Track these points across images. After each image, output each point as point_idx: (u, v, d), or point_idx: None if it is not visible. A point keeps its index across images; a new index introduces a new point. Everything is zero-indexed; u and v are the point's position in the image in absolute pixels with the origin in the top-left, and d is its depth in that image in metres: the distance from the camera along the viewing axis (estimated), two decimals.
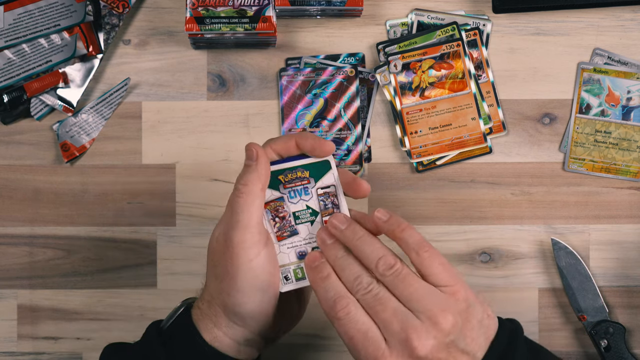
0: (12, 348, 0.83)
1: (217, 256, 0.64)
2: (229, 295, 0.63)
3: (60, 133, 0.83)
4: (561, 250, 0.83)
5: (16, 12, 0.82)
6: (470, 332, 0.60)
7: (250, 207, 0.63)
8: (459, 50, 0.83)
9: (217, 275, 0.64)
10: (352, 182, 0.66)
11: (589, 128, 0.84)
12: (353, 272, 0.61)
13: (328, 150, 0.66)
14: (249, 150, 0.65)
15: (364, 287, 0.60)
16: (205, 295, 0.66)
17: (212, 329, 0.64)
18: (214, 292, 0.64)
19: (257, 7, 0.80)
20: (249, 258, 0.62)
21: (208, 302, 0.65)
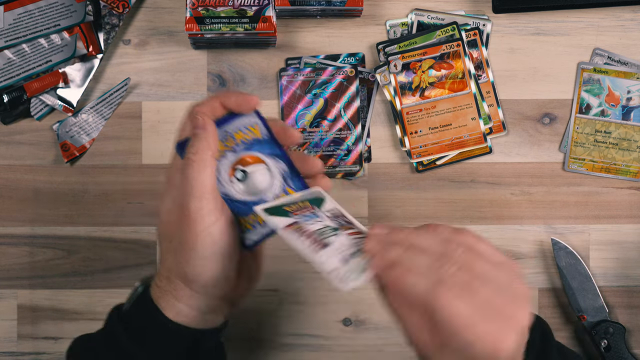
0: (12, 348, 0.83)
1: (172, 229, 0.63)
2: (188, 264, 0.63)
3: (60, 133, 0.83)
4: (561, 250, 0.83)
5: (16, 12, 0.82)
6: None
7: (203, 175, 0.63)
8: (459, 50, 0.83)
9: (174, 248, 0.63)
10: (282, 131, 0.67)
11: (589, 128, 0.84)
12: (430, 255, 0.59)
13: (254, 104, 0.66)
14: (194, 119, 0.64)
15: (450, 265, 0.58)
16: (163, 271, 0.65)
17: (174, 304, 0.64)
18: (171, 265, 0.64)
19: (257, 7, 0.80)
20: (207, 225, 0.62)
21: (167, 278, 0.65)
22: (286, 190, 0.68)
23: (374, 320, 0.84)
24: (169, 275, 0.64)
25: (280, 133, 0.68)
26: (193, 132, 0.64)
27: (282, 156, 0.68)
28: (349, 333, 0.84)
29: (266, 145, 0.68)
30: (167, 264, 0.64)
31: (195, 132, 0.64)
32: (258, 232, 0.66)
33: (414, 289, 0.57)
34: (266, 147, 0.68)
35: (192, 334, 0.65)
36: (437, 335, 0.57)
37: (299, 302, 0.84)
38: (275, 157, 0.68)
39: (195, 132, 0.64)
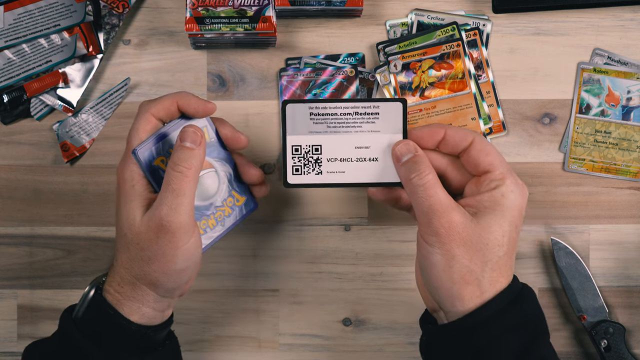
0: (12, 348, 0.83)
1: (145, 239, 0.64)
2: (165, 275, 0.64)
3: (60, 133, 0.83)
4: (561, 250, 0.83)
5: (16, 12, 0.82)
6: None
7: (192, 191, 0.64)
8: (459, 50, 0.83)
9: (147, 257, 0.64)
10: (231, 134, 0.69)
11: (589, 128, 0.84)
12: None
13: (211, 111, 0.68)
14: (193, 134, 0.65)
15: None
16: (126, 277, 0.65)
17: (139, 307, 0.65)
18: (140, 273, 0.65)
19: (257, 7, 0.80)
20: (187, 240, 0.64)
21: (131, 284, 0.65)
22: (232, 194, 0.69)
23: (374, 320, 0.84)
24: (135, 281, 0.65)
25: (229, 136, 0.70)
26: (187, 145, 0.64)
27: (228, 159, 0.69)
28: (349, 333, 0.84)
29: (213, 148, 0.69)
30: (135, 271, 0.65)
31: (190, 147, 0.64)
32: (209, 235, 0.69)
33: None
34: (214, 150, 0.69)
35: (153, 330, 0.66)
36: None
37: (299, 302, 0.84)
38: (221, 160, 0.69)
39: (191, 147, 0.64)
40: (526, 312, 0.63)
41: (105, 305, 0.65)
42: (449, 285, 0.62)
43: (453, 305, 0.62)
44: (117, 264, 0.66)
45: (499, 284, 0.63)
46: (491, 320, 0.62)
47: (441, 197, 0.63)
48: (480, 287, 0.62)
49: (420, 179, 0.63)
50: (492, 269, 0.62)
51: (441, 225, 0.62)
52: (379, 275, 0.84)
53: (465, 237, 0.62)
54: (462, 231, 0.62)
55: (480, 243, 0.62)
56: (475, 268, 0.62)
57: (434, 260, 0.62)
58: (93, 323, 0.65)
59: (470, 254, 0.62)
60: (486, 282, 0.62)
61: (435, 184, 0.63)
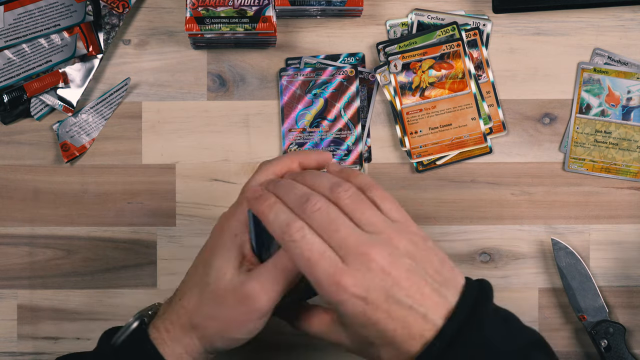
0: (12, 348, 0.83)
1: (227, 300, 0.62)
2: (222, 338, 0.63)
3: (60, 133, 0.83)
4: (561, 250, 0.83)
5: (16, 12, 0.82)
6: (429, 265, 0.57)
7: (291, 285, 0.61)
8: (459, 50, 0.83)
9: (216, 315, 0.62)
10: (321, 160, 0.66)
11: (589, 128, 0.84)
12: (300, 192, 0.59)
13: (329, 158, 0.65)
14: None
15: (312, 204, 0.58)
16: (183, 319, 0.64)
17: (180, 354, 0.64)
18: (199, 324, 0.63)
19: (257, 7, 0.80)
20: (258, 319, 0.62)
21: (184, 329, 0.64)
22: None
23: None
24: (190, 329, 0.63)
25: (320, 162, 0.66)
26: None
27: None
28: None
29: None
30: (196, 320, 0.63)
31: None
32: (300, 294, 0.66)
33: (274, 222, 0.57)
34: None
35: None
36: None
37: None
38: None
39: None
40: (477, 349, 0.57)
41: (147, 341, 0.64)
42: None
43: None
44: (180, 304, 0.64)
45: (419, 343, 0.57)
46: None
47: (315, 330, 0.63)
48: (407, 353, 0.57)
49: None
50: (396, 350, 0.57)
51: (334, 341, 0.62)
52: None
53: (353, 346, 0.61)
54: (347, 343, 0.61)
55: (361, 347, 0.60)
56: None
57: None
58: (130, 354, 0.64)
59: (368, 349, 0.60)
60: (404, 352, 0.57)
61: (310, 324, 0.63)
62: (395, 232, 0.58)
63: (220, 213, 0.70)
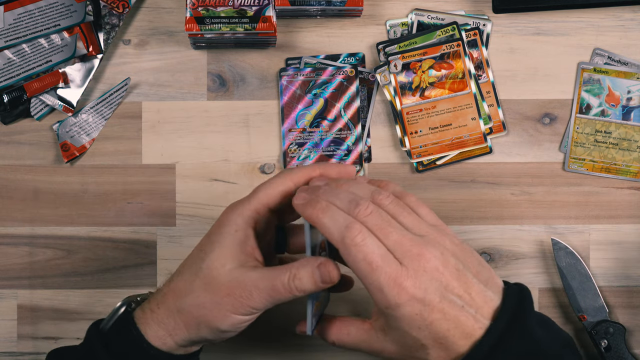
0: (12, 348, 0.83)
1: (221, 288, 0.62)
2: (207, 327, 0.62)
3: (60, 133, 0.83)
4: (561, 250, 0.83)
5: (16, 12, 0.82)
6: (472, 265, 0.59)
7: (282, 301, 0.63)
8: (459, 50, 0.83)
9: (205, 302, 0.62)
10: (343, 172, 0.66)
11: (589, 128, 0.84)
12: (348, 197, 0.59)
13: (352, 172, 0.66)
14: (326, 273, 0.61)
15: (365, 208, 0.58)
16: (169, 301, 0.64)
17: (163, 336, 0.64)
18: (185, 308, 0.63)
19: (257, 7, 0.80)
20: (244, 313, 0.62)
21: (170, 311, 0.63)
22: None
23: None
24: (176, 312, 0.63)
25: (342, 173, 0.66)
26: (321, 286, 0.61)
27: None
28: None
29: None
30: (182, 304, 0.63)
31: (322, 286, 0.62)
32: (317, 314, 0.66)
33: (331, 226, 0.58)
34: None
35: (175, 358, 0.65)
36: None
37: (299, 302, 0.84)
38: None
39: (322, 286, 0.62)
40: (523, 346, 0.59)
41: (131, 324, 0.64)
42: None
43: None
44: (168, 288, 0.64)
45: (464, 346, 0.58)
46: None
47: (355, 340, 0.63)
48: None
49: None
50: (437, 356, 0.59)
51: (373, 353, 0.62)
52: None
53: (396, 354, 0.61)
54: (390, 351, 0.61)
55: (406, 355, 0.60)
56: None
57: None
58: (117, 340, 0.64)
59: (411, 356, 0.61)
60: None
61: (347, 334, 0.64)
62: (438, 235, 0.59)
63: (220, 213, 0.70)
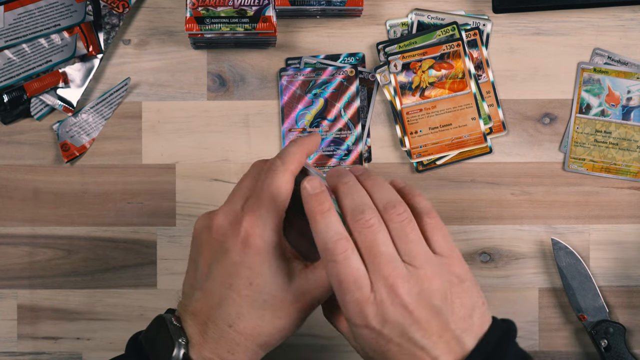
0: (12, 348, 0.83)
1: (286, 307, 0.62)
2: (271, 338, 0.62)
3: (60, 133, 0.83)
4: (561, 250, 0.83)
5: (16, 12, 0.82)
6: (459, 309, 0.57)
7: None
8: (459, 50, 0.83)
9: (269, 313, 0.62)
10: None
11: (589, 128, 0.84)
12: (360, 199, 0.58)
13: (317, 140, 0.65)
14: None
15: (366, 220, 0.57)
16: (248, 344, 0.61)
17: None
18: (246, 325, 0.61)
19: (257, 7, 0.80)
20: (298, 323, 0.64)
21: (247, 350, 0.61)
22: None
23: None
24: (258, 347, 0.62)
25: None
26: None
27: None
28: None
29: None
30: (241, 324, 0.61)
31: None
32: None
33: (323, 233, 0.57)
34: None
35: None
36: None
37: None
38: None
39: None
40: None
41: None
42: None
43: None
44: (236, 331, 0.61)
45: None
46: None
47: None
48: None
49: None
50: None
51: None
52: None
53: None
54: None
55: None
56: None
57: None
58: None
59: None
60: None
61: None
62: (433, 269, 0.57)
63: None
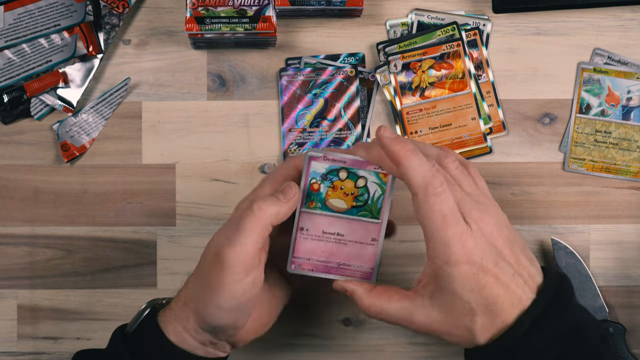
0: (12, 348, 0.83)
1: (207, 266, 0.63)
2: (205, 307, 0.62)
3: (60, 133, 0.83)
4: (561, 250, 0.83)
5: (16, 12, 0.82)
6: (520, 243, 0.62)
7: (258, 233, 0.61)
8: (459, 50, 0.83)
9: (200, 284, 0.63)
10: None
11: (589, 128, 0.84)
12: (435, 148, 0.63)
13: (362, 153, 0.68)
14: (288, 189, 0.63)
15: (452, 160, 0.62)
16: (183, 296, 0.65)
17: (180, 332, 0.64)
18: (192, 295, 0.64)
19: (257, 7, 0.80)
20: (235, 280, 0.61)
21: (183, 303, 0.65)
22: None
23: (374, 320, 0.84)
24: (186, 303, 0.65)
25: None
26: (276, 195, 0.63)
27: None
28: (349, 333, 0.84)
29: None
30: (189, 294, 0.65)
31: (277, 198, 0.63)
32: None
33: (418, 169, 0.59)
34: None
35: (194, 358, 0.65)
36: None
37: (299, 302, 0.84)
38: None
39: (279, 199, 0.63)
40: (560, 322, 0.60)
41: (153, 324, 0.65)
42: (458, 343, 0.62)
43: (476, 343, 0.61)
44: (185, 284, 0.67)
45: (510, 318, 0.60)
46: (518, 345, 0.59)
47: (396, 313, 0.63)
48: (491, 333, 0.60)
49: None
50: (483, 326, 0.60)
51: (416, 329, 0.62)
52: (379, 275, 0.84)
53: (439, 327, 0.62)
54: (433, 325, 0.62)
55: (452, 325, 0.61)
56: (467, 335, 0.61)
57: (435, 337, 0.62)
58: (141, 341, 0.65)
59: (455, 331, 0.61)
60: (487, 333, 0.60)
61: (382, 309, 0.64)
62: (492, 205, 0.62)
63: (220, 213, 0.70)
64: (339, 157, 0.65)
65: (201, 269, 0.64)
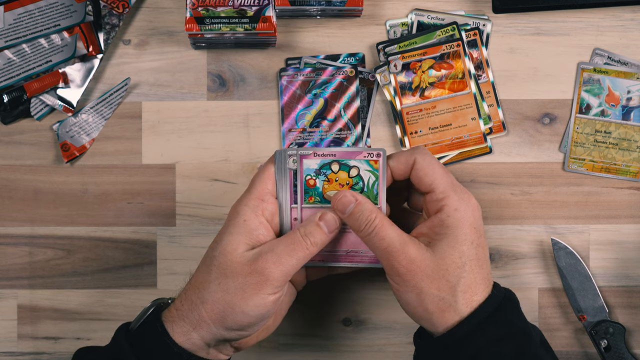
0: (12, 348, 0.83)
1: (238, 271, 0.64)
2: (232, 310, 0.64)
3: (60, 133, 0.83)
4: (561, 250, 0.83)
5: (16, 12, 0.82)
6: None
7: (304, 261, 0.65)
8: (459, 50, 0.83)
9: (225, 286, 0.64)
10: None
11: (589, 128, 0.84)
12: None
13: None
14: (332, 221, 0.67)
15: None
16: (191, 295, 0.66)
17: (188, 331, 0.65)
18: (207, 297, 0.65)
19: (257, 7, 0.80)
20: (269, 292, 0.64)
21: (192, 303, 0.65)
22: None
23: (374, 320, 0.84)
24: (198, 303, 0.65)
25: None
26: (323, 229, 0.67)
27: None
28: (349, 333, 0.84)
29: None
30: (203, 294, 0.65)
31: (325, 232, 0.67)
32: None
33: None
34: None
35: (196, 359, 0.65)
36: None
37: (299, 302, 0.84)
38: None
39: (326, 232, 0.67)
40: (511, 322, 0.66)
41: (158, 322, 0.65)
42: (427, 316, 0.65)
43: (436, 328, 0.65)
44: (190, 284, 0.67)
45: (475, 301, 0.65)
46: (475, 334, 0.64)
47: (393, 237, 0.65)
48: (457, 311, 0.64)
49: (369, 227, 0.65)
50: (463, 290, 0.65)
51: (400, 265, 0.64)
52: (380, 275, 0.84)
53: (425, 269, 0.64)
54: (421, 264, 0.64)
55: (440, 271, 0.64)
56: (446, 295, 0.64)
57: (405, 298, 0.65)
58: (144, 339, 0.65)
59: (437, 284, 0.64)
60: (461, 305, 0.64)
61: (383, 226, 0.65)
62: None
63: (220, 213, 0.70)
64: (328, 150, 0.68)
65: (229, 272, 0.64)
